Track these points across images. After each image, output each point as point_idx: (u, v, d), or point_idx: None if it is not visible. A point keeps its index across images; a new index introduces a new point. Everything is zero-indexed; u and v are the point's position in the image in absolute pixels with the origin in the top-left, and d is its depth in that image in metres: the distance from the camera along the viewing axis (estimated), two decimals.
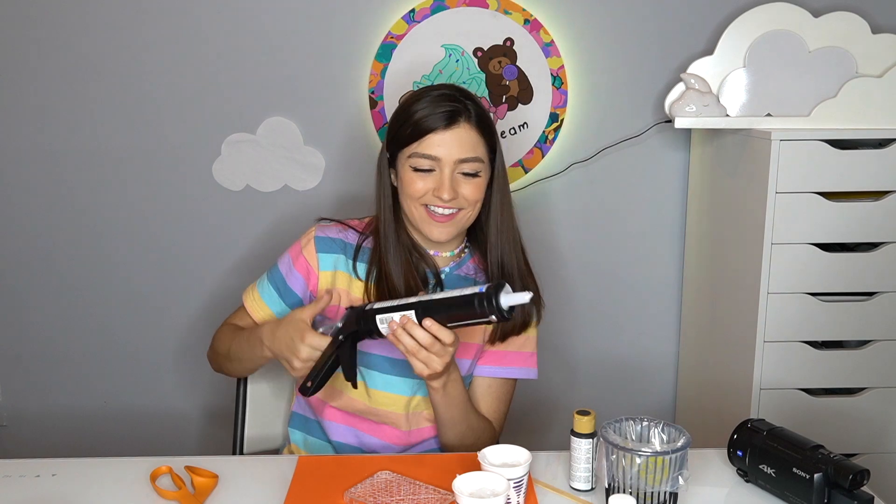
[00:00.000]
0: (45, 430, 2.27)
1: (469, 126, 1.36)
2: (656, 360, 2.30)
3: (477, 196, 1.38)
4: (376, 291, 1.40)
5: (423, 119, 1.35)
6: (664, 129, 2.13)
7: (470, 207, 1.38)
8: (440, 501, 1.16)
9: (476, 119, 1.37)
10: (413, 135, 1.36)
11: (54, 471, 1.28)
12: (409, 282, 1.40)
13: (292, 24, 2.06)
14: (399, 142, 1.38)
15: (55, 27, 2.04)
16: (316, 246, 1.43)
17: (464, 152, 1.35)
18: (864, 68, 1.86)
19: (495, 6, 2.04)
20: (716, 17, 2.05)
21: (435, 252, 1.46)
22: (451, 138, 1.34)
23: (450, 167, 1.35)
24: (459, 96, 1.37)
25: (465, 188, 1.36)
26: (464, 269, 1.47)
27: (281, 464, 1.32)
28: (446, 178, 1.35)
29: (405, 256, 1.41)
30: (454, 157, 1.35)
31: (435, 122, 1.34)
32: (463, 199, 1.37)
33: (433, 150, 1.34)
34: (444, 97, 1.36)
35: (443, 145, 1.34)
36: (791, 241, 1.72)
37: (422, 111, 1.35)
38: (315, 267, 1.43)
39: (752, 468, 1.21)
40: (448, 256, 1.47)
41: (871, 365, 1.79)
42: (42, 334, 2.22)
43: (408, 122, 1.36)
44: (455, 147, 1.35)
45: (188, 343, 2.23)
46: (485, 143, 1.38)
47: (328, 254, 1.43)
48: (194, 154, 2.12)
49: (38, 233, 2.16)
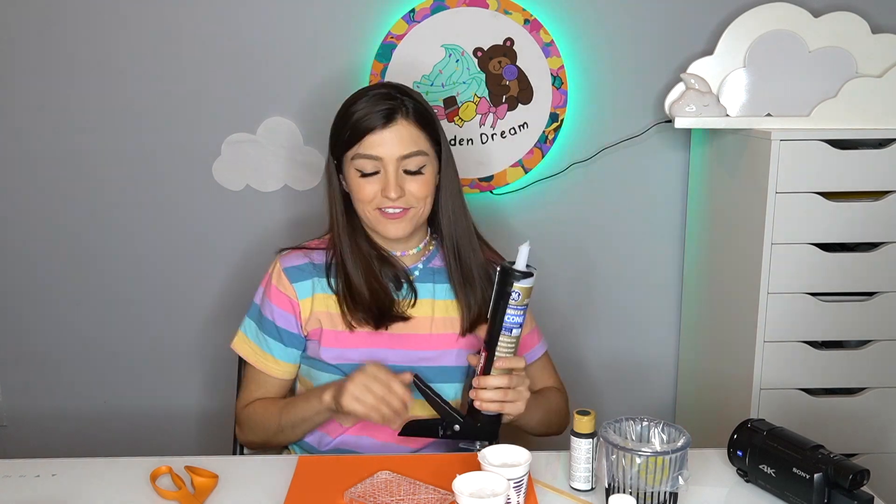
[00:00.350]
0: (45, 430, 2.27)
1: (407, 122, 1.37)
2: (656, 360, 2.30)
3: (424, 192, 1.39)
4: (345, 300, 1.41)
5: (360, 120, 1.36)
6: (664, 129, 2.13)
7: (419, 204, 1.39)
8: (440, 501, 1.16)
9: (414, 114, 1.38)
10: (353, 137, 1.37)
11: (54, 471, 1.28)
12: (373, 285, 1.41)
13: (292, 24, 2.06)
14: (341, 146, 1.40)
15: (54, 27, 2.04)
16: (288, 277, 1.43)
17: (404, 148, 1.36)
18: (864, 68, 1.86)
19: (495, 6, 2.04)
20: (716, 17, 2.05)
21: (402, 252, 1.47)
22: (390, 136, 1.35)
23: (393, 165, 1.36)
24: (396, 93, 1.38)
25: (411, 185, 1.37)
26: (436, 262, 1.48)
27: (281, 464, 1.32)
28: (391, 176, 1.36)
29: (364, 261, 1.42)
30: (395, 154, 1.35)
31: (373, 122, 1.35)
32: (411, 196, 1.38)
33: (374, 150, 1.35)
34: (380, 96, 1.37)
35: (383, 144, 1.35)
36: (791, 241, 1.72)
37: (359, 112, 1.36)
38: (294, 297, 1.43)
39: (752, 468, 1.21)
40: (415, 253, 1.48)
41: (871, 365, 1.79)
42: (42, 334, 2.22)
43: (347, 125, 1.38)
44: (395, 145, 1.35)
45: (188, 343, 2.23)
46: (426, 136, 1.39)
47: (301, 281, 1.43)
48: (194, 154, 2.12)
49: (38, 233, 2.16)
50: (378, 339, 1.42)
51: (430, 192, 1.40)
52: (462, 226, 1.46)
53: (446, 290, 1.47)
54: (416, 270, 1.47)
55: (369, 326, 1.41)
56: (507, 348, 1.29)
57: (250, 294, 1.51)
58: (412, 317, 1.44)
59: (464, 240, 1.45)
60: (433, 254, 1.49)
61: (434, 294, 1.46)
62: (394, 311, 1.42)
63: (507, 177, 2.14)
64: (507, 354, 1.30)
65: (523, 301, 1.27)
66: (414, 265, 1.47)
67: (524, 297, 1.27)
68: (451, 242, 1.45)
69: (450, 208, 1.45)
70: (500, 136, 2.12)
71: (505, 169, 2.13)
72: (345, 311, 1.41)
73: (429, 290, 1.46)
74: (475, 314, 1.44)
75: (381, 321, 1.41)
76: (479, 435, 1.33)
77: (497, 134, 2.12)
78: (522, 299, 1.27)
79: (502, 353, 1.29)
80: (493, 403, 1.30)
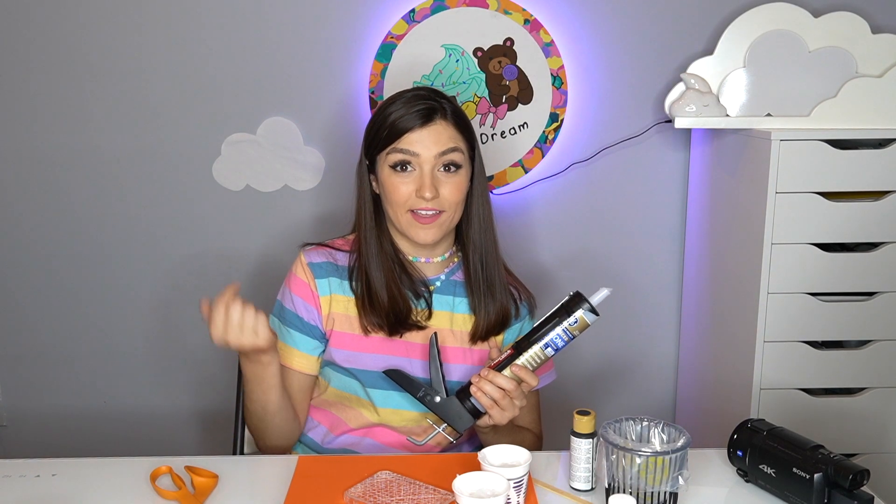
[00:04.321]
0: (45, 430, 2.27)
1: (446, 122, 1.36)
2: (656, 360, 2.30)
3: (457, 196, 1.38)
4: (364, 304, 1.40)
5: (398, 120, 1.35)
6: (664, 129, 2.13)
7: (451, 209, 1.38)
8: (440, 501, 1.16)
9: (452, 115, 1.37)
10: (390, 136, 1.36)
11: (54, 471, 1.28)
12: (392, 292, 1.40)
13: (292, 24, 2.06)
14: (377, 146, 1.38)
15: (54, 27, 2.04)
16: (313, 272, 1.42)
17: (442, 145, 1.35)
18: (864, 68, 1.86)
19: (495, 6, 2.04)
20: (716, 17, 2.05)
21: (426, 259, 1.45)
22: (428, 135, 1.35)
23: (430, 164, 1.35)
24: (434, 95, 1.38)
25: (445, 187, 1.36)
26: (458, 275, 1.47)
27: (281, 464, 1.31)
28: (427, 175, 1.35)
29: (388, 264, 1.41)
30: (433, 152, 1.35)
31: (411, 121, 1.34)
32: (444, 199, 1.36)
33: (412, 147, 1.35)
34: (418, 97, 1.37)
35: (421, 142, 1.34)
36: (791, 241, 1.72)
37: (397, 112, 1.35)
38: (316, 291, 1.42)
39: (752, 468, 1.21)
40: (440, 262, 1.46)
41: (871, 365, 1.79)
42: (42, 334, 2.22)
43: (384, 126, 1.36)
44: (433, 143, 1.35)
45: (189, 343, 2.23)
46: (463, 138, 1.38)
47: (322, 278, 1.42)
48: (194, 154, 2.12)
49: (38, 233, 2.16)
50: (393, 345, 1.42)
51: (461, 198, 1.39)
52: (490, 237, 1.45)
53: (466, 303, 1.46)
54: (437, 281, 1.46)
55: (383, 332, 1.41)
56: (533, 360, 1.30)
57: (250, 293, 1.51)
58: (427, 327, 1.43)
59: (490, 249, 1.44)
60: (457, 266, 1.48)
61: (454, 307, 1.45)
62: (409, 320, 1.41)
63: (507, 177, 2.14)
64: (529, 366, 1.30)
65: (574, 330, 1.28)
66: (437, 275, 1.46)
67: (579, 327, 1.28)
68: (477, 250, 1.44)
69: (480, 216, 1.43)
70: (500, 136, 2.12)
71: (505, 169, 2.13)
72: (361, 315, 1.40)
73: (448, 302, 1.45)
74: (490, 324, 1.44)
75: (396, 329, 1.40)
76: (452, 419, 1.31)
77: (497, 134, 2.12)
78: (576, 328, 1.28)
79: (525, 362, 1.29)
80: (487, 399, 1.29)
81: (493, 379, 1.28)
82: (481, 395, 1.29)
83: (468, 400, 1.31)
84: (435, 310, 1.44)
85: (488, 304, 1.44)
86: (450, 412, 1.32)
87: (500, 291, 1.45)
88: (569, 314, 1.28)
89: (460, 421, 1.32)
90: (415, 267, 1.45)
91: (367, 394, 1.41)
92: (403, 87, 2.06)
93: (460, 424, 1.32)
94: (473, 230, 1.44)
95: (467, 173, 1.40)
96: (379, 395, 1.41)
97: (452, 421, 1.32)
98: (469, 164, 1.40)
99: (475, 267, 1.44)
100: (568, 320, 1.28)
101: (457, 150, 1.36)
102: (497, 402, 1.29)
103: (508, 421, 1.32)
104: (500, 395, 1.29)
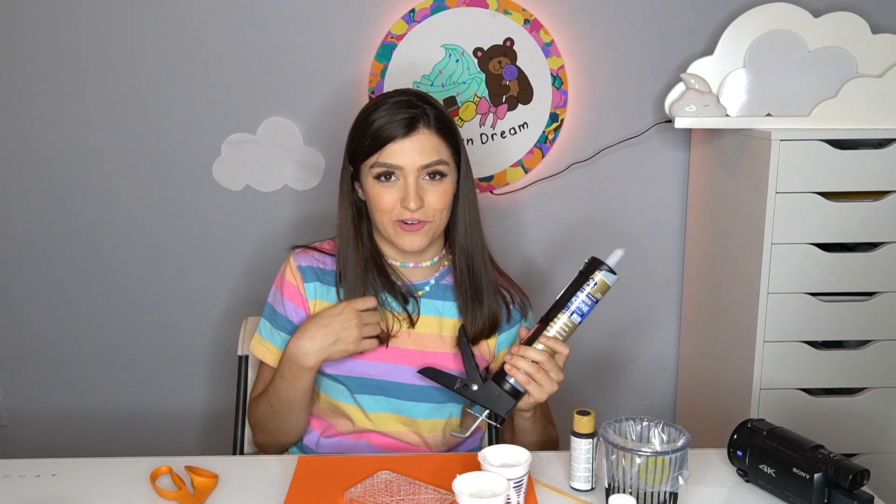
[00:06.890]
0: (45, 430, 2.27)
1: (429, 131, 1.34)
2: (656, 360, 2.30)
3: (443, 203, 1.36)
4: None
5: (381, 128, 1.33)
6: (664, 129, 2.13)
7: (437, 217, 1.36)
8: (440, 501, 1.16)
9: (435, 123, 1.34)
10: (373, 146, 1.33)
11: (54, 471, 1.27)
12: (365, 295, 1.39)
13: (292, 25, 2.06)
14: (360, 154, 1.36)
15: (53, 27, 2.04)
16: (302, 275, 1.42)
17: (425, 158, 1.33)
18: (864, 68, 1.86)
19: (495, 6, 2.04)
20: (716, 17, 2.05)
21: (415, 264, 1.44)
22: (411, 145, 1.32)
23: (413, 175, 1.33)
24: (417, 101, 1.35)
25: (430, 196, 1.34)
26: (448, 279, 1.46)
27: (281, 464, 1.32)
28: (411, 186, 1.33)
29: (364, 276, 1.39)
30: (416, 164, 1.33)
31: (394, 131, 1.32)
32: (429, 208, 1.35)
33: (395, 160, 1.32)
34: (401, 104, 1.34)
35: (404, 153, 1.32)
36: (791, 241, 1.72)
37: (380, 120, 1.33)
38: (305, 295, 1.42)
39: (752, 468, 1.21)
40: (429, 266, 1.45)
41: (871, 365, 1.79)
42: (42, 334, 2.22)
43: (367, 134, 1.34)
44: (416, 154, 1.32)
45: (188, 343, 2.23)
46: (447, 145, 1.36)
47: (309, 282, 1.42)
48: (194, 154, 2.12)
49: (38, 233, 2.16)
50: (383, 352, 1.41)
51: (447, 204, 1.38)
52: (476, 240, 1.43)
53: (455, 308, 1.44)
54: (426, 286, 1.44)
55: None
56: (562, 330, 1.29)
57: (250, 294, 1.51)
58: (411, 333, 1.42)
59: (477, 253, 1.43)
60: (447, 270, 1.46)
61: (442, 312, 1.44)
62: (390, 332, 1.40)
63: (507, 177, 2.14)
64: (559, 337, 1.29)
65: (597, 293, 1.28)
66: (426, 280, 1.45)
67: (600, 289, 1.28)
68: (463, 253, 1.43)
69: (466, 219, 1.42)
70: (500, 136, 2.12)
71: (505, 169, 2.13)
72: None
73: (437, 307, 1.44)
74: (479, 328, 1.42)
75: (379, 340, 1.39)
76: (493, 403, 1.30)
77: (497, 134, 2.12)
78: (597, 291, 1.28)
79: (555, 334, 1.29)
80: (523, 375, 1.27)
81: (525, 353, 1.27)
82: (516, 371, 1.28)
83: (506, 381, 1.29)
84: (423, 315, 1.42)
85: (475, 307, 1.42)
86: (489, 397, 1.30)
87: (489, 295, 1.43)
88: (588, 279, 1.28)
89: (501, 404, 1.30)
90: (400, 273, 1.44)
91: (356, 399, 1.40)
92: (403, 87, 2.07)
93: (502, 407, 1.30)
94: (460, 234, 1.42)
95: (453, 179, 1.38)
96: (367, 401, 1.41)
97: (494, 405, 1.30)
98: (455, 169, 1.39)
99: (462, 270, 1.43)
100: (588, 285, 1.28)
101: (440, 163, 1.35)
102: (532, 376, 1.27)
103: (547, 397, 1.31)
104: (535, 369, 1.27)
